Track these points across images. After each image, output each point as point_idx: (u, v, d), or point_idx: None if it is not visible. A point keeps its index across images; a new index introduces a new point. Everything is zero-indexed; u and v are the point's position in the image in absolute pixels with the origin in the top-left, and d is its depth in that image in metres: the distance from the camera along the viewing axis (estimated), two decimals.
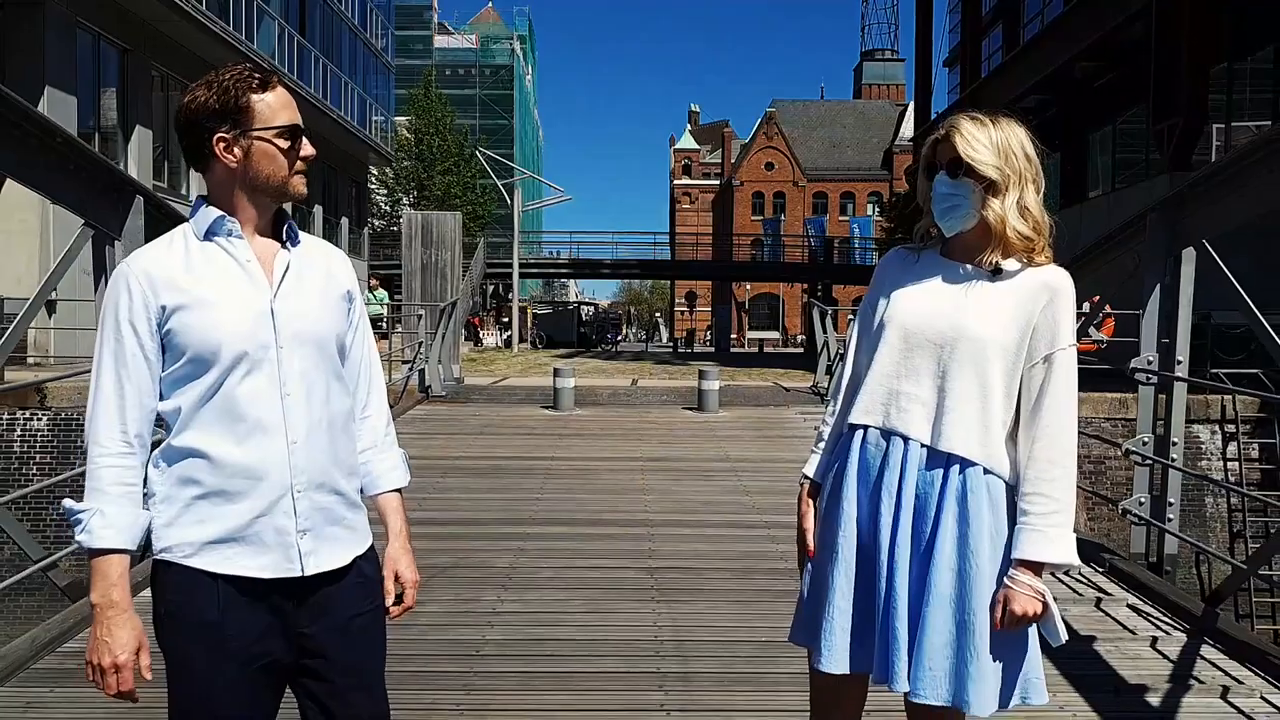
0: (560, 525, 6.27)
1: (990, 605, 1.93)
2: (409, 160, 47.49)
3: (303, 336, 1.78)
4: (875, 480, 2.02)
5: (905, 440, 2.00)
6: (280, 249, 1.82)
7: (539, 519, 6.43)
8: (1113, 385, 10.72)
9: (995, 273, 2.01)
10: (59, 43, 17.12)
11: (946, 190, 2.00)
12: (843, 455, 2.09)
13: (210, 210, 1.78)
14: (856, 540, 2.03)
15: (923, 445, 1.99)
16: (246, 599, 1.73)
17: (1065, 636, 1.97)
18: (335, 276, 1.89)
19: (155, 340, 1.73)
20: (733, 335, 56.31)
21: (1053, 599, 1.93)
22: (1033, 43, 23.07)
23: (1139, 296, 5.31)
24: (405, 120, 48.27)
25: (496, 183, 41.21)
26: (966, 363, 1.98)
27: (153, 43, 20.22)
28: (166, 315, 1.72)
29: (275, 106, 1.76)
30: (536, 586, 4.89)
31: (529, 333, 45.52)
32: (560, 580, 5.00)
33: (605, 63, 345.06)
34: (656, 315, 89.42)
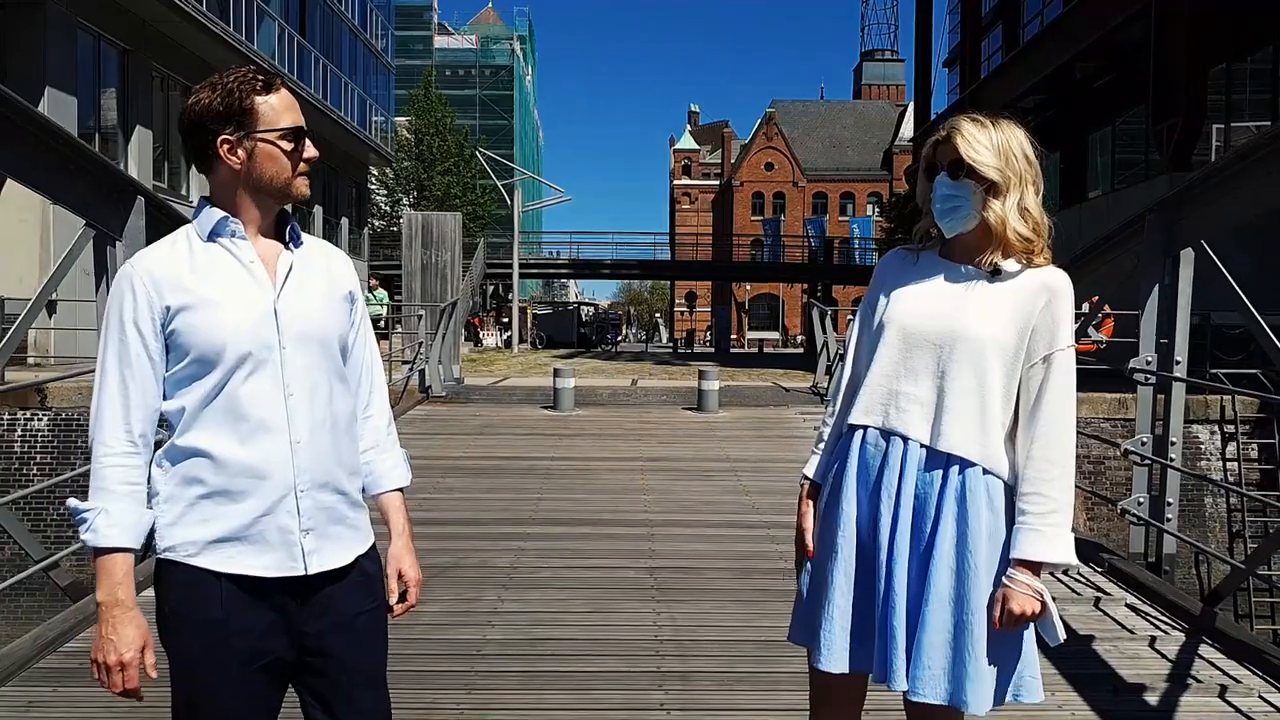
0: (560, 525, 6.29)
1: (989, 604, 1.93)
2: (409, 161, 47.50)
3: (306, 337, 1.79)
4: (875, 480, 2.02)
5: (905, 440, 2.00)
6: (283, 250, 1.83)
7: (539, 519, 6.44)
8: (1112, 385, 10.73)
9: (994, 273, 2.01)
10: (59, 43, 17.13)
11: (948, 191, 2.00)
12: (842, 455, 2.09)
13: (214, 211, 1.79)
14: (856, 540, 2.03)
15: (922, 445, 1.99)
16: (250, 598, 1.73)
17: (1064, 636, 1.97)
18: (337, 277, 1.90)
19: (159, 340, 1.74)
20: (733, 335, 56.23)
21: (1051, 598, 1.94)
22: (1032, 43, 23.09)
23: (1138, 297, 5.32)
24: (405, 121, 48.28)
25: (496, 183, 41.21)
26: (965, 363, 1.98)
27: (153, 43, 20.24)
28: (171, 316, 1.73)
29: (279, 108, 1.77)
30: (537, 586, 4.90)
31: (529, 333, 45.53)
32: (560, 580, 5.01)
33: (605, 63, 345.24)
34: (656, 316, 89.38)
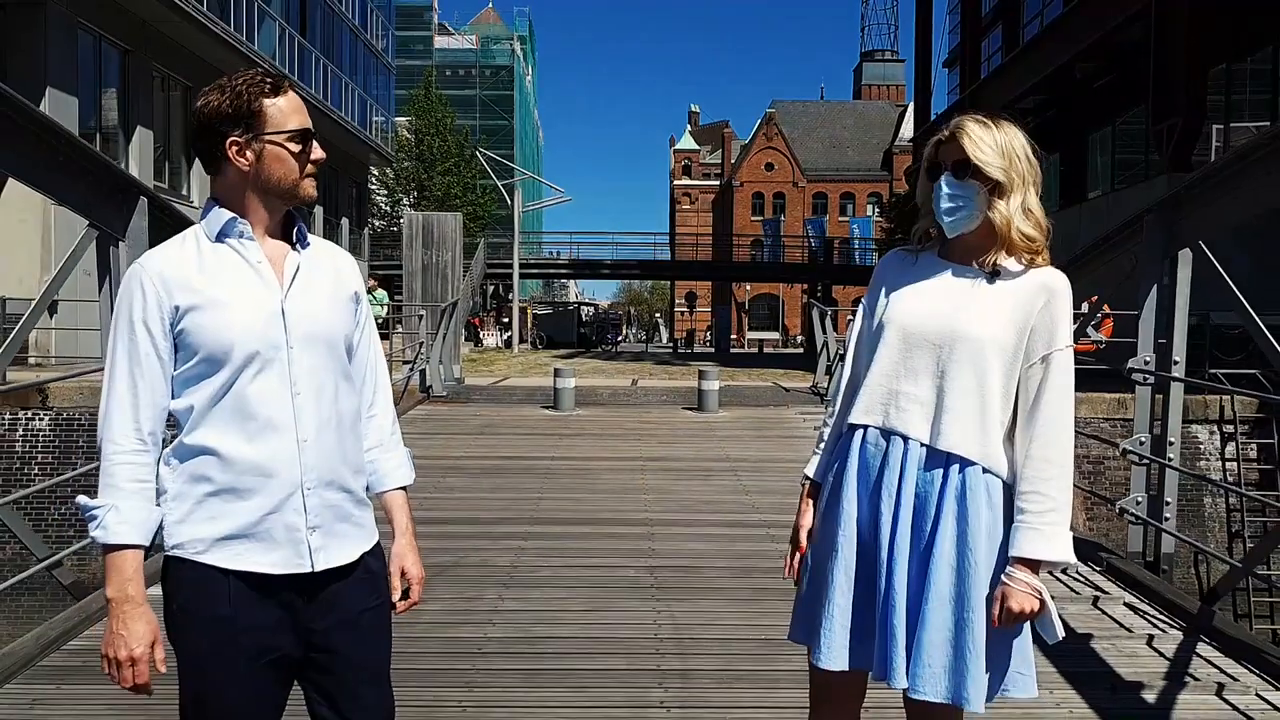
0: (561, 524, 6.30)
1: (988, 602, 1.94)
2: (409, 161, 47.50)
3: (313, 337, 1.81)
4: (875, 479, 2.03)
5: (905, 440, 2.01)
6: (290, 250, 1.85)
7: (540, 518, 6.46)
8: (1111, 385, 10.75)
9: (993, 274, 2.02)
10: (60, 43, 17.15)
11: (952, 191, 2.00)
12: (843, 455, 2.09)
13: (222, 212, 1.80)
14: (856, 539, 2.03)
15: (922, 445, 2.00)
16: (257, 594, 1.75)
17: (1062, 634, 1.98)
18: (343, 278, 1.92)
19: (168, 340, 1.75)
20: (733, 336, 56.20)
21: (1050, 597, 1.94)
22: (1032, 43, 23.09)
23: (1137, 297, 5.34)
24: (405, 121, 48.29)
25: (497, 183, 41.22)
26: (965, 363, 1.98)
27: (153, 43, 20.26)
28: (179, 315, 1.74)
29: (287, 111, 1.79)
30: (537, 585, 4.91)
31: (529, 333, 45.54)
32: (561, 579, 5.03)
33: (605, 63, 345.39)
34: (656, 316, 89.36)
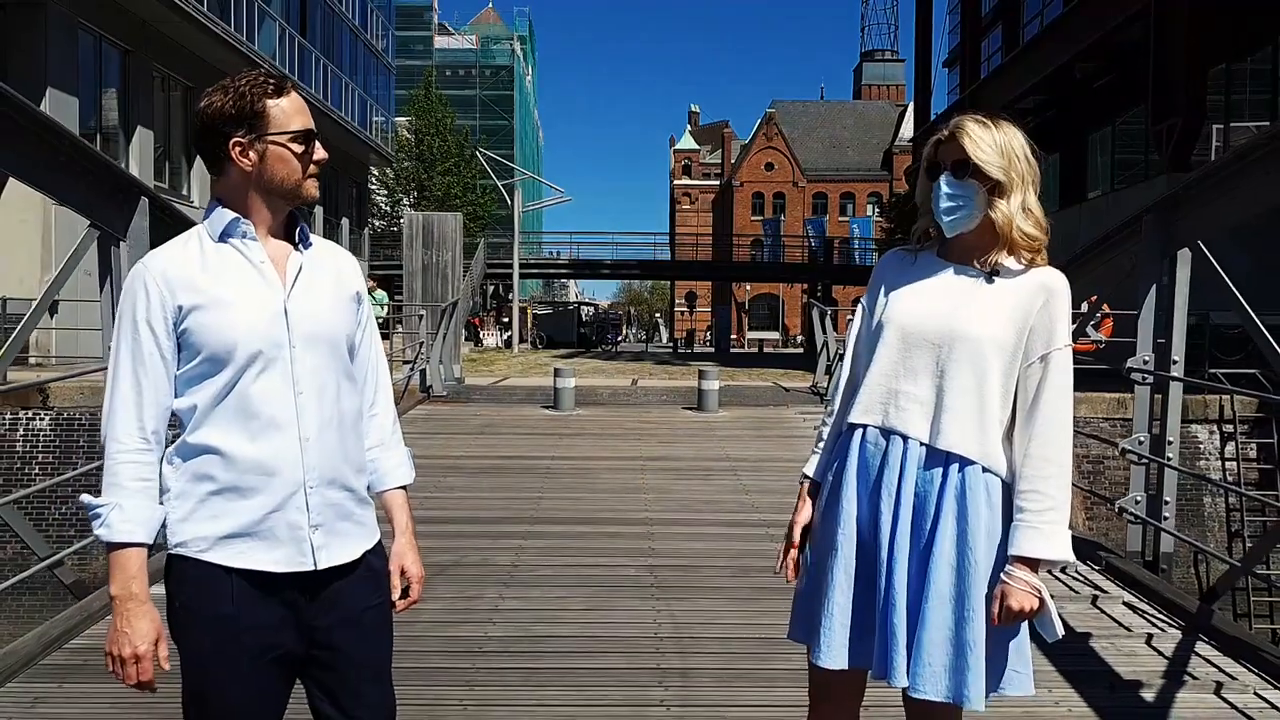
0: (561, 524, 6.31)
1: (987, 601, 1.95)
2: (409, 161, 47.50)
3: (315, 336, 1.82)
4: (875, 479, 2.03)
5: (904, 439, 2.02)
6: (293, 251, 1.86)
7: (540, 517, 6.47)
8: (1111, 385, 10.76)
9: (992, 273, 2.03)
10: (60, 43, 17.16)
11: (951, 191, 2.01)
12: (842, 454, 2.10)
13: (225, 212, 1.81)
14: (856, 538, 2.04)
15: (921, 444, 2.00)
16: (260, 593, 1.76)
17: (1061, 632, 1.98)
18: (345, 278, 1.93)
19: (172, 339, 1.76)
20: (733, 336, 56.19)
21: (1049, 595, 1.95)
22: (1032, 43, 23.10)
23: (1136, 297, 5.34)
24: (405, 121, 48.30)
25: (497, 183, 41.22)
26: (964, 362, 1.99)
27: (154, 43, 20.27)
28: (183, 315, 1.75)
29: (290, 111, 1.80)
30: (538, 584, 4.92)
31: (529, 333, 45.54)
32: (561, 578, 5.04)
33: (605, 63, 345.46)
34: (656, 316, 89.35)
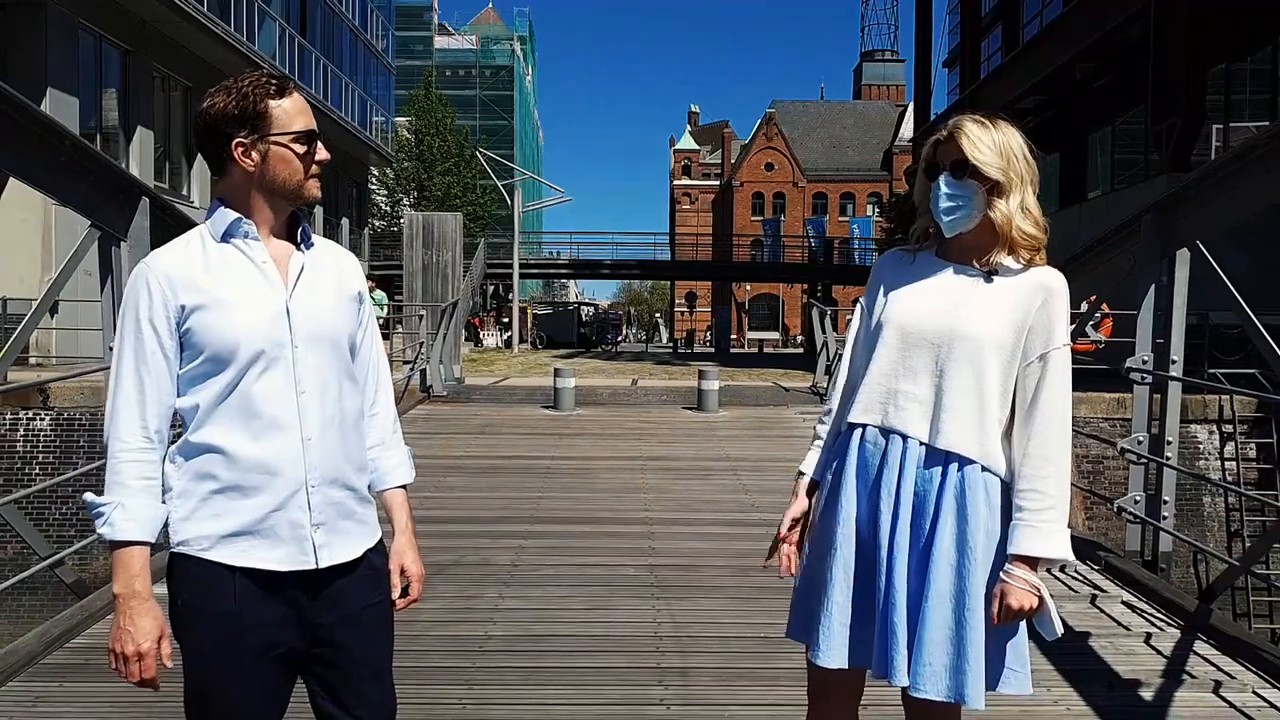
0: (561, 523, 6.32)
1: (987, 600, 1.95)
2: (409, 161, 47.50)
3: (317, 336, 1.82)
4: (874, 478, 2.04)
5: (904, 438, 2.02)
6: (295, 251, 1.87)
7: (540, 517, 6.47)
8: (1111, 385, 10.77)
9: (991, 273, 2.03)
10: (60, 44, 17.17)
11: (950, 191, 2.01)
12: (841, 453, 2.10)
13: (227, 212, 1.82)
14: (855, 537, 2.04)
15: (921, 443, 2.01)
16: (262, 591, 1.77)
17: (1060, 630, 1.98)
18: (347, 278, 1.94)
19: (174, 339, 1.77)
20: (733, 336, 56.20)
21: (1048, 594, 1.95)
22: (1032, 43, 23.11)
23: (1135, 297, 5.35)
24: (405, 121, 48.31)
25: (497, 183, 41.23)
26: (963, 362, 1.99)
27: (154, 44, 20.29)
28: (185, 315, 1.76)
29: (292, 112, 1.81)
30: (538, 583, 4.93)
31: (529, 333, 45.55)
32: (561, 577, 5.05)
33: (605, 63, 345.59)
34: (656, 316, 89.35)
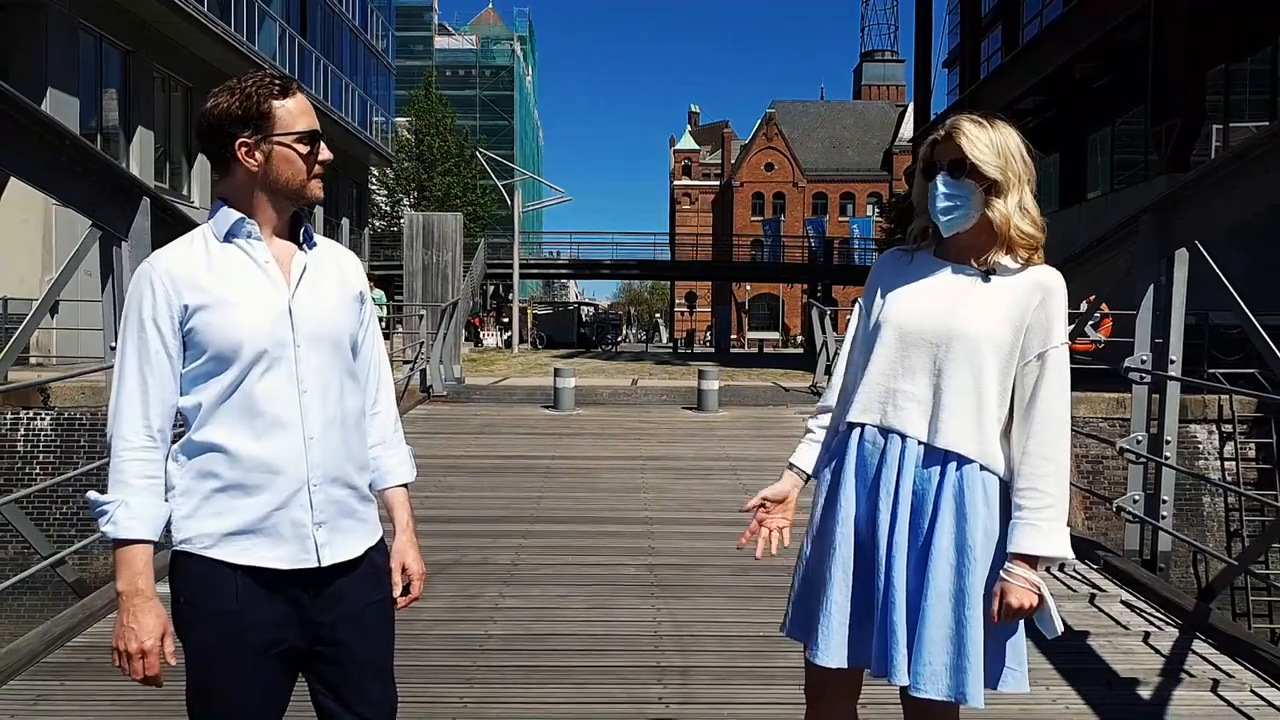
0: (561, 523, 6.33)
1: (988, 598, 1.96)
2: (409, 161, 47.51)
3: (319, 336, 1.83)
4: (873, 477, 2.04)
5: (902, 438, 2.02)
6: (297, 250, 1.88)
7: (540, 516, 6.48)
8: (1110, 385, 10.77)
9: (989, 272, 2.04)
10: (61, 44, 17.18)
11: (948, 191, 2.02)
12: (840, 452, 2.11)
13: (230, 212, 1.83)
14: (854, 536, 2.05)
15: (919, 442, 2.01)
16: (264, 589, 1.77)
17: (1061, 629, 1.99)
18: (348, 278, 1.95)
19: (177, 338, 1.78)
20: (733, 336, 56.18)
21: (1048, 592, 1.96)
22: (1032, 44, 23.13)
23: (1134, 297, 5.36)
24: (406, 121, 48.32)
25: (497, 183, 41.22)
26: (962, 361, 2.00)
27: (154, 44, 20.30)
28: (189, 314, 1.77)
29: (295, 112, 1.82)
30: (538, 582, 4.94)
31: (529, 333, 45.55)
32: (561, 576, 5.05)
33: (605, 63, 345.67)
34: (656, 316, 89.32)
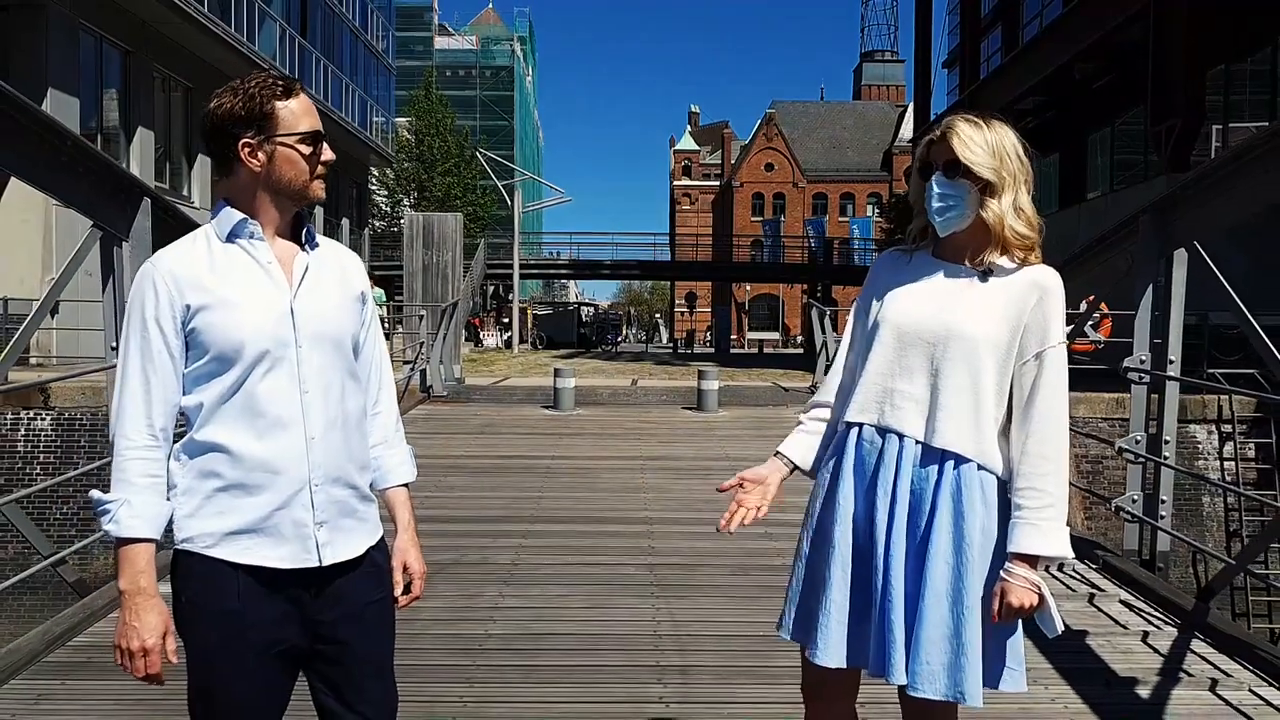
0: (561, 522, 6.34)
1: (988, 598, 1.96)
2: (409, 161, 47.51)
3: (321, 336, 1.84)
4: (871, 477, 2.05)
5: (900, 437, 2.03)
6: (299, 251, 1.89)
7: (540, 516, 6.49)
8: (1110, 385, 10.78)
9: (986, 272, 2.04)
10: (61, 44, 17.19)
11: (943, 191, 2.03)
12: (838, 452, 2.11)
13: (232, 213, 1.84)
14: (852, 536, 2.05)
15: (917, 442, 2.02)
16: (265, 588, 1.78)
17: (1061, 628, 1.99)
18: (350, 278, 1.96)
19: (180, 338, 1.78)
20: (733, 336, 56.18)
21: (1048, 591, 1.96)
22: (1032, 44, 23.13)
23: (1133, 297, 5.36)
24: (406, 121, 48.32)
25: (497, 184, 41.22)
26: (959, 360, 2.00)
27: (154, 44, 20.30)
28: (191, 314, 1.77)
29: (298, 113, 1.83)
30: (538, 582, 4.94)
31: (529, 333, 45.53)
32: (561, 576, 5.06)
33: (605, 63, 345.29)
34: (656, 316, 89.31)
